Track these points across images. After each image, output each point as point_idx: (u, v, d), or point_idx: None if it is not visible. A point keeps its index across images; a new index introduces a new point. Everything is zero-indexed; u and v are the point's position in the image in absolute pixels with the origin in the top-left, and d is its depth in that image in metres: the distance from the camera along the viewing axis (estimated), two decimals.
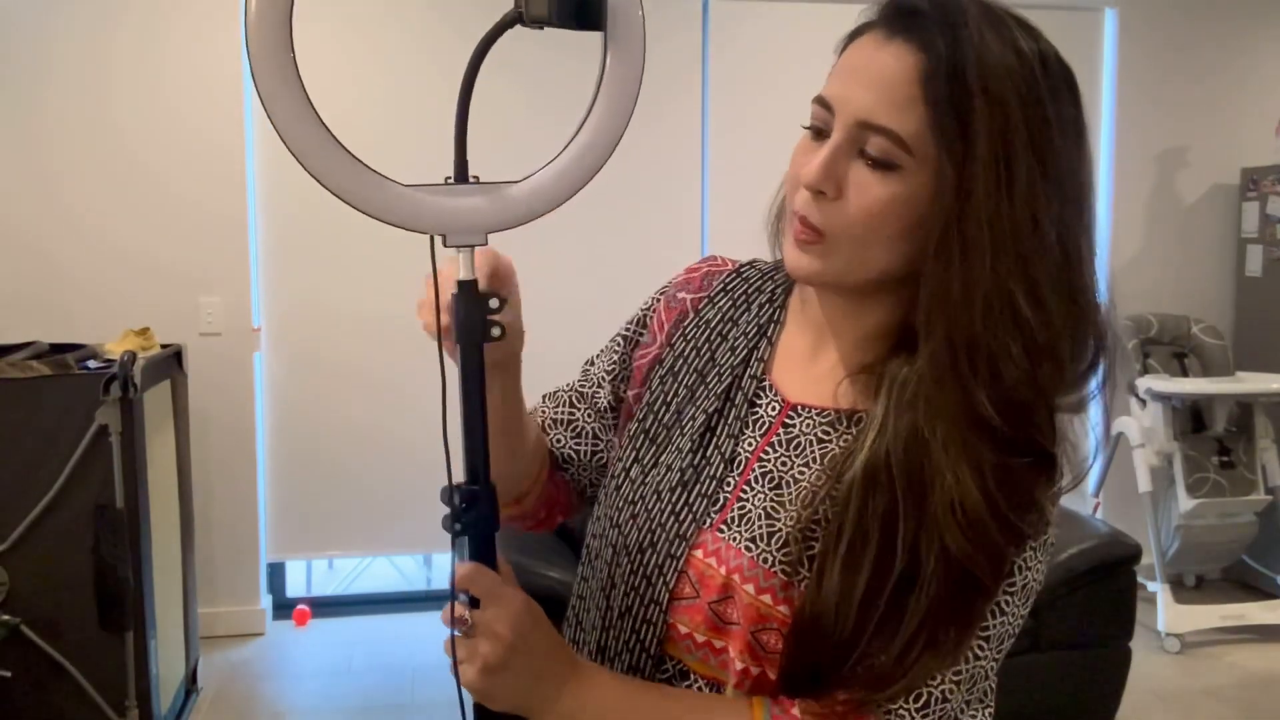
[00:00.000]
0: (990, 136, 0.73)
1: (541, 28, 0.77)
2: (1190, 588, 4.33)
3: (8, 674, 2.58)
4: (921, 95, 0.75)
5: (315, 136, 0.76)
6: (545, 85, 3.69)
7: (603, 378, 1.02)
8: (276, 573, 4.09)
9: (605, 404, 1.02)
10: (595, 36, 0.80)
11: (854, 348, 0.87)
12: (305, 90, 0.75)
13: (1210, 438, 4.05)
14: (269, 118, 0.75)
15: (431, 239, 0.79)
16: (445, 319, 0.80)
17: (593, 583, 0.95)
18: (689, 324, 0.97)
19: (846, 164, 0.78)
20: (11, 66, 3.60)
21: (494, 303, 0.80)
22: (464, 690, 0.80)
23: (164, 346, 3.18)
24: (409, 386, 3.73)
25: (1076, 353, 0.78)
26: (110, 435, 2.62)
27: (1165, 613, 3.77)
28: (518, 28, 0.78)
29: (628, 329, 1.03)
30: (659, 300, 1.02)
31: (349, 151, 0.77)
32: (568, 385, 1.06)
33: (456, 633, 0.78)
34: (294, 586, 4.26)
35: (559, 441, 1.03)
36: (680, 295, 1.00)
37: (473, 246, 0.79)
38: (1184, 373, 4.20)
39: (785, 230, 0.85)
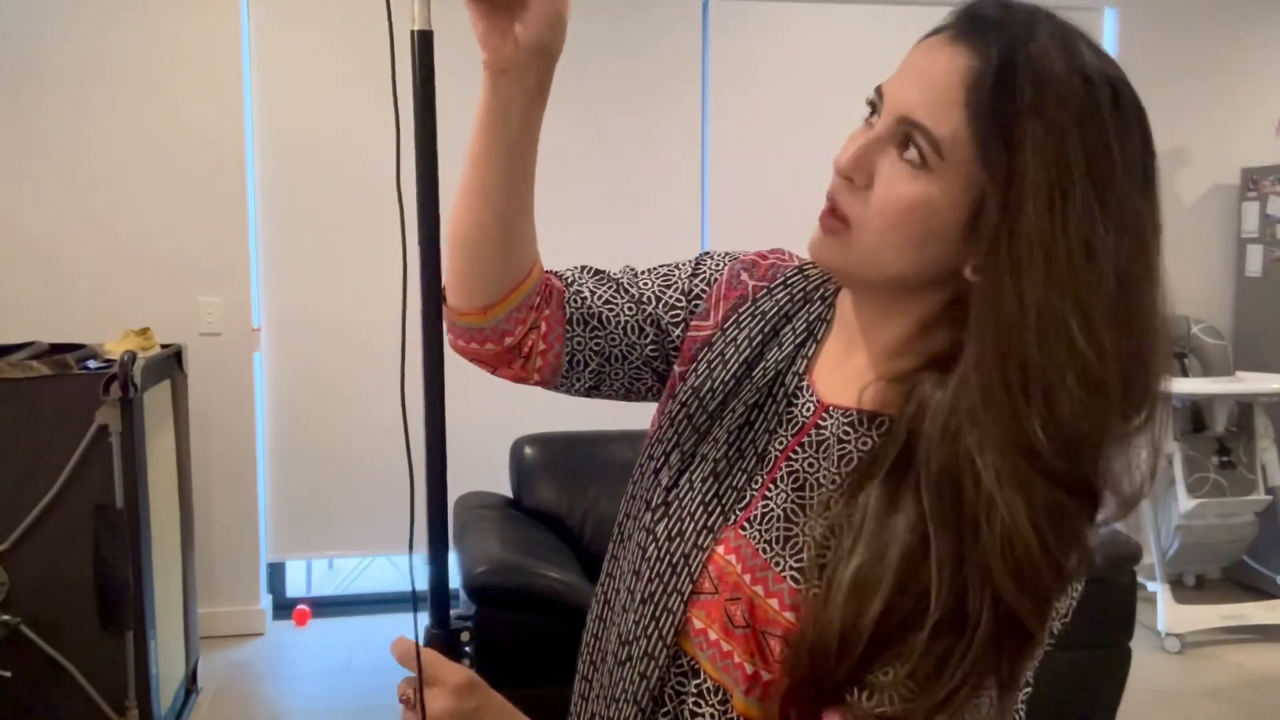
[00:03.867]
0: (1043, 156, 0.71)
1: None
2: (1190, 588, 4.33)
3: (8, 674, 2.58)
4: (964, 100, 0.73)
5: None
6: None
7: (656, 295, 0.98)
8: (276, 573, 4.09)
9: (653, 317, 0.97)
10: None
11: (883, 354, 0.85)
12: None
13: (1210, 438, 4.05)
14: None
15: None
16: None
17: (623, 563, 0.94)
18: (744, 311, 0.96)
19: (882, 155, 0.77)
20: (11, 67, 3.60)
21: (465, 635, 0.84)
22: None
23: (164, 346, 3.18)
24: (408, 386, 3.73)
25: (1127, 392, 0.75)
26: (110, 435, 2.62)
27: (1165, 613, 3.77)
28: None
29: (690, 276, 1.00)
30: (724, 268, 1.00)
31: None
32: (612, 273, 1.01)
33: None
34: (294, 586, 4.26)
35: (595, 302, 0.97)
36: (744, 277, 0.98)
37: None
38: (1184, 373, 4.20)
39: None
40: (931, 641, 0.73)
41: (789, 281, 0.97)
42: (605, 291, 0.98)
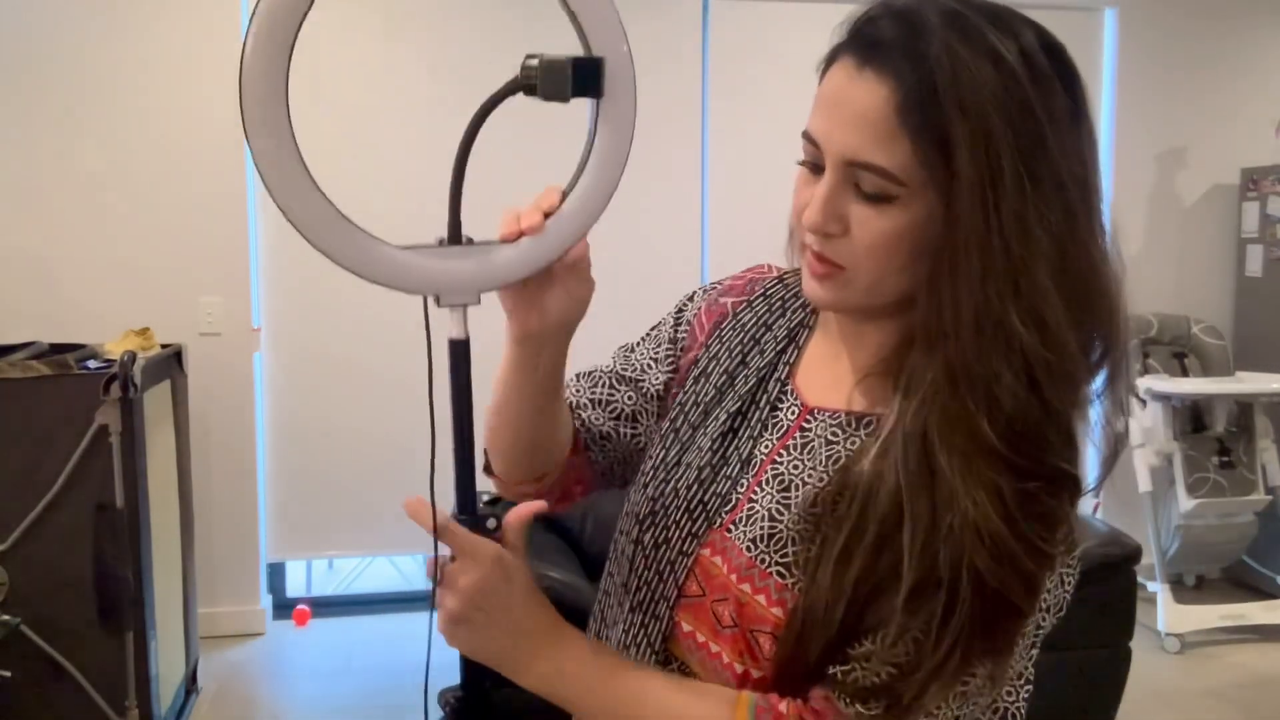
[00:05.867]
0: (974, 156, 0.71)
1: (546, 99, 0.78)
2: (1190, 588, 4.33)
3: (8, 674, 2.58)
4: (902, 126, 0.73)
5: (307, 196, 0.77)
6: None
7: (649, 364, 1.01)
8: (276, 573, 4.09)
9: (652, 390, 1.01)
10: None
11: (875, 353, 0.86)
12: (298, 147, 0.76)
13: (1210, 438, 4.05)
14: (259, 174, 0.75)
15: (425, 299, 0.80)
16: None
17: (617, 578, 0.95)
18: (726, 327, 0.98)
19: (845, 200, 0.78)
20: (10, 66, 3.60)
21: (491, 523, 0.82)
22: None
23: (164, 346, 3.18)
24: (409, 386, 3.73)
25: (1086, 352, 0.77)
26: (110, 435, 2.61)
27: (1165, 613, 3.77)
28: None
29: (674, 325, 1.03)
30: (702, 302, 1.02)
31: (341, 213, 0.78)
32: (605, 368, 1.04)
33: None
34: (294, 586, 4.26)
35: (596, 420, 1.01)
36: (722, 300, 1.01)
37: (465, 305, 0.80)
38: (1184, 373, 4.20)
39: (800, 259, 0.84)
40: (910, 607, 0.74)
41: (769, 292, 0.99)
42: (602, 393, 1.01)
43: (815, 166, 0.80)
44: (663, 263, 3.94)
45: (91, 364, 2.72)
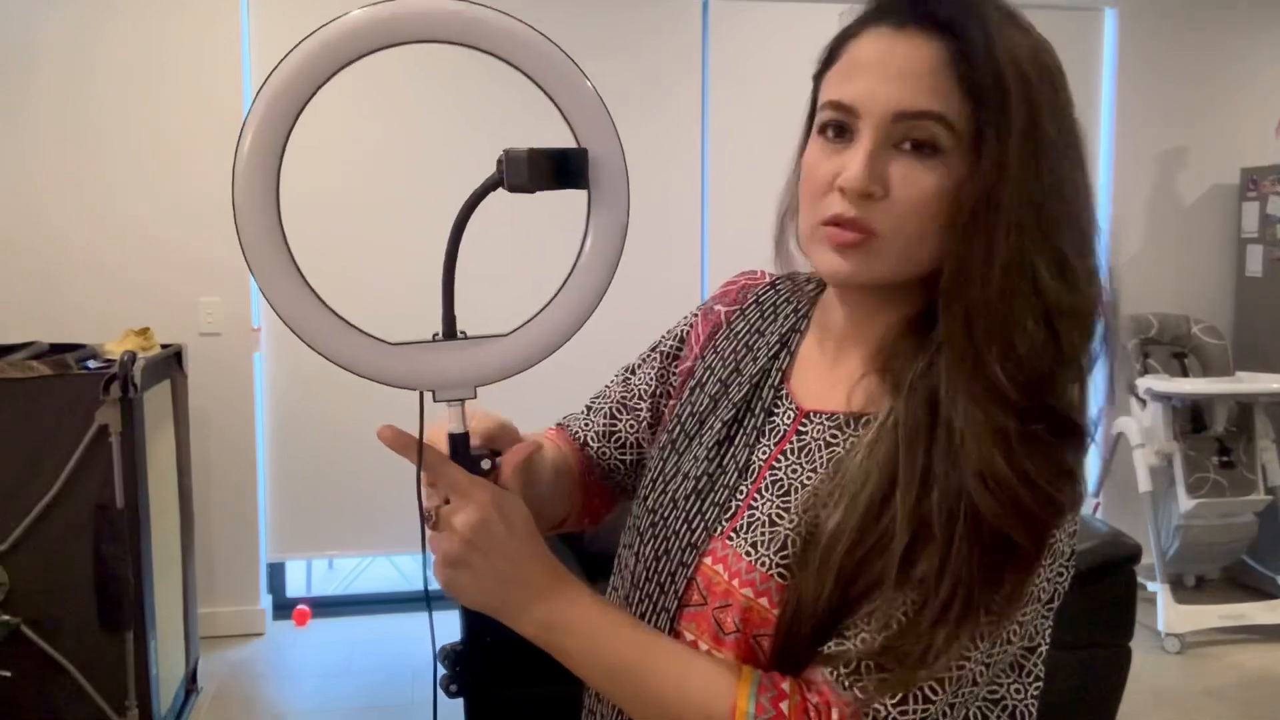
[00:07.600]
0: (1024, 111, 0.75)
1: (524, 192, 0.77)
2: (1190, 588, 4.33)
3: (8, 674, 2.58)
4: (955, 78, 0.75)
5: (300, 296, 0.77)
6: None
7: (643, 392, 1.03)
8: (276, 573, 4.09)
9: (646, 420, 1.03)
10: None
11: (876, 349, 0.85)
12: (289, 247, 0.76)
13: (1210, 438, 4.05)
14: (252, 274, 0.75)
15: (420, 394, 0.80)
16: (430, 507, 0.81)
17: (620, 591, 0.96)
18: (720, 336, 0.99)
19: (886, 161, 0.78)
20: (10, 66, 3.60)
21: (485, 464, 0.80)
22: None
23: (164, 346, 3.18)
24: None
25: (1090, 313, 0.79)
26: (110, 435, 2.61)
27: (1165, 613, 3.77)
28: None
29: (666, 344, 1.04)
30: (697, 315, 1.04)
31: (334, 311, 0.78)
32: (607, 395, 1.06)
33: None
34: (294, 586, 4.26)
35: (604, 454, 1.04)
36: (716, 308, 1.02)
37: (462, 400, 0.80)
38: (1184, 373, 4.20)
39: (811, 239, 0.83)
40: (905, 565, 0.74)
41: (761, 299, 0.99)
42: (605, 425, 1.04)
43: (839, 135, 0.80)
44: (662, 263, 3.94)
45: (91, 364, 2.72)
